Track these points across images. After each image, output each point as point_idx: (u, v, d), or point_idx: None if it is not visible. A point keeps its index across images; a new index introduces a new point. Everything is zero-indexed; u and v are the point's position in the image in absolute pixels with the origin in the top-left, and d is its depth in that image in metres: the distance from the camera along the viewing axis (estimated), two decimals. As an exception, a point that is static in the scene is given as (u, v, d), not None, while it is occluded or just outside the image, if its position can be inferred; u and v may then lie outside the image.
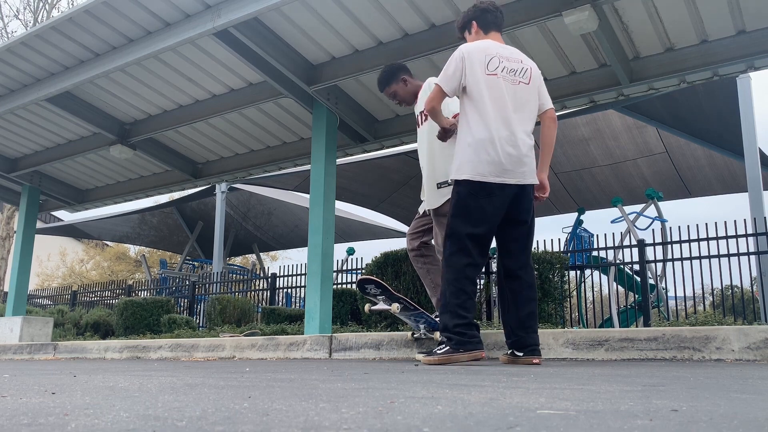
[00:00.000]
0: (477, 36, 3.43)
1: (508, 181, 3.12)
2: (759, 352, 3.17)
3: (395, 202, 12.39)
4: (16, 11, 36.65)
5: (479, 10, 3.44)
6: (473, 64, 3.17)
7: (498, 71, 3.20)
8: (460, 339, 3.05)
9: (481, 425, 0.93)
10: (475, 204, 3.12)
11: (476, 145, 3.13)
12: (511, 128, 3.14)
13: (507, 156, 3.11)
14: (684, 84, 5.45)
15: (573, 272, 7.47)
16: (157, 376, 2.38)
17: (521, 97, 3.22)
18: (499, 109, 3.15)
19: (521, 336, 3.19)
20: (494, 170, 3.10)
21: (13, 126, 7.60)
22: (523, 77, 3.26)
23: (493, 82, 3.17)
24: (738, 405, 1.19)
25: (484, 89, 3.16)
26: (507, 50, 3.32)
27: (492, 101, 3.15)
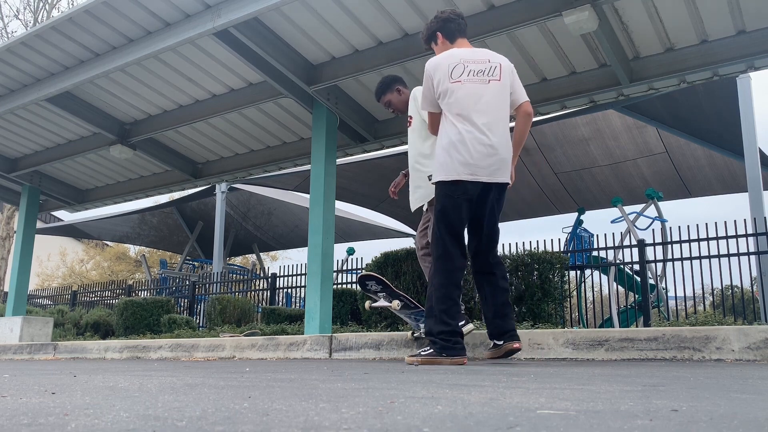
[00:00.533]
0: (444, 46, 3.52)
1: (481, 179, 3.19)
2: (759, 352, 3.17)
3: (395, 202, 12.38)
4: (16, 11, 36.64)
5: (441, 20, 3.53)
6: (439, 77, 3.31)
7: (462, 77, 3.29)
8: (443, 345, 3.12)
9: (481, 425, 0.93)
10: (452, 204, 3.22)
11: (448, 147, 3.23)
12: (481, 128, 3.20)
13: (478, 154, 3.18)
14: (684, 84, 5.45)
15: (573, 272, 7.47)
16: (157, 376, 2.38)
17: (493, 95, 3.28)
18: (467, 111, 3.22)
19: (498, 324, 3.33)
20: (466, 169, 3.18)
21: (13, 126, 7.60)
22: (493, 75, 3.31)
23: (459, 88, 3.27)
24: (738, 405, 1.19)
25: (451, 96, 3.27)
26: (473, 53, 3.38)
27: (459, 106, 3.24)
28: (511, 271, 5.94)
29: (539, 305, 5.61)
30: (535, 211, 11.87)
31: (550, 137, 9.66)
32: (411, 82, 6.05)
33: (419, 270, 6.07)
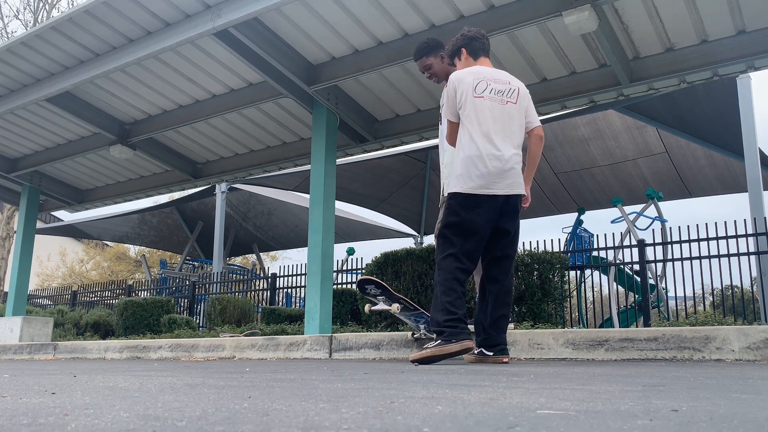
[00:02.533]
0: (467, 62, 3.68)
1: (496, 192, 3.34)
2: (759, 352, 3.17)
3: (395, 202, 12.39)
4: (16, 11, 36.66)
5: (467, 38, 3.69)
6: (463, 89, 3.44)
7: (485, 93, 3.44)
8: (451, 331, 3.19)
9: (481, 425, 0.93)
10: (465, 215, 3.33)
11: (467, 161, 3.36)
12: (498, 144, 3.37)
13: (495, 169, 3.34)
14: (684, 84, 5.45)
15: (573, 272, 7.47)
16: (157, 376, 2.38)
17: (509, 115, 3.46)
18: (486, 127, 3.38)
19: (491, 335, 3.38)
20: (483, 183, 3.32)
21: (13, 126, 7.60)
22: (511, 97, 3.51)
23: (481, 104, 3.42)
24: (738, 405, 1.19)
25: (473, 110, 3.40)
26: (495, 73, 3.57)
27: (480, 121, 3.39)
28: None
29: (539, 305, 5.61)
30: (535, 211, 11.87)
31: (550, 137, 9.66)
32: (411, 82, 6.06)
33: (419, 270, 6.07)
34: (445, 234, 3.37)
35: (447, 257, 3.32)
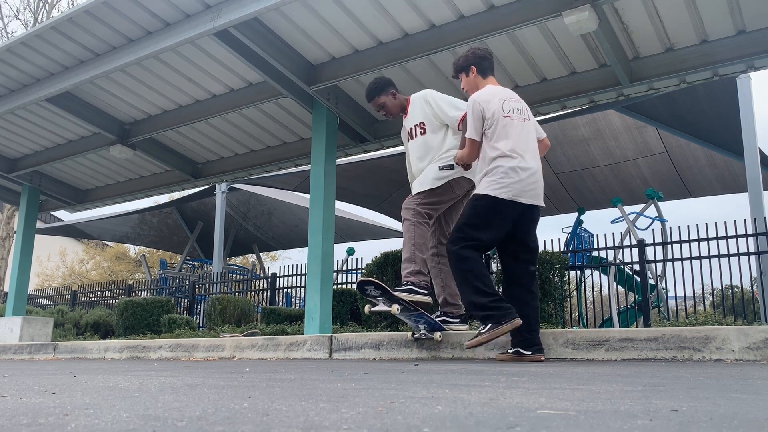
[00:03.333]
0: (476, 79, 3.93)
1: (522, 201, 3.61)
2: (759, 352, 3.17)
3: (395, 202, 12.38)
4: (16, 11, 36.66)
5: (478, 57, 3.95)
6: (493, 109, 3.68)
7: (511, 113, 3.73)
8: (499, 313, 3.43)
9: (481, 425, 0.93)
10: (492, 217, 3.59)
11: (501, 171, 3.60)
12: (528, 159, 3.65)
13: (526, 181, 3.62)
14: (684, 84, 5.45)
15: (573, 272, 7.47)
16: (157, 376, 2.38)
17: (528, 131, 3.76)
18: (516, 143, 3.66)
19: (527, 337, 3.57)
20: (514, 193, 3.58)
21: (13, 126, 7.60)
22: (525, 115, 3.81)
23: (509, 123, 3.69)
24: (738, 405, 1.19)
25: (503, 129, 3.67)
26: (509, 93, 3.85)
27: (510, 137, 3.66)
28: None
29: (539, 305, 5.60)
30: (535, 211, 11.84)
31: (550, 137, 9.57)
32: (411, 82, 6.05)
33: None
34: (464, 230, 3.61)
35: (465, 247, 3.57)
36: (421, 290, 3.94)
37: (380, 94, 4.45)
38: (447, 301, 4.27)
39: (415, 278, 3.96)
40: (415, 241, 4.02)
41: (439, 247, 4.29)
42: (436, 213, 4.21)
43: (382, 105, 4.45)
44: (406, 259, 4.02)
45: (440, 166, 4.13)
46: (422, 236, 4.04)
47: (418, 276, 3.97)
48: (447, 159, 4.15)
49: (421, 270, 3.99)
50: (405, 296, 3.86)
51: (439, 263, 4.28)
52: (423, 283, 3.99)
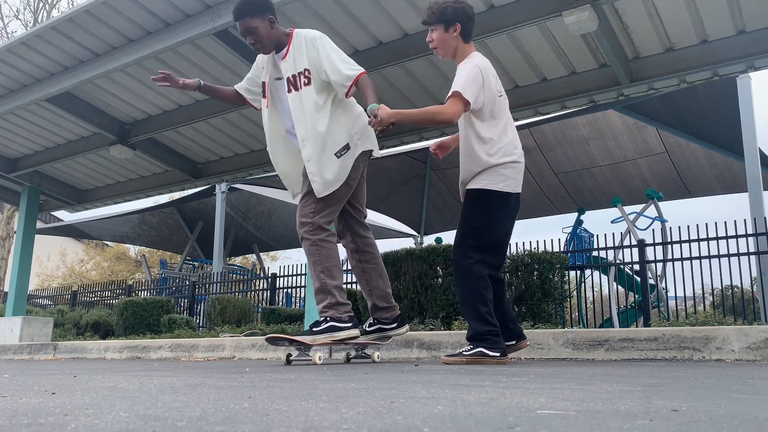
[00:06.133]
0: (455, 41, 3.28)
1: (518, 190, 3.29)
2: (759, 352, 3.17)
3: (395, 202, 12.39)
4: (16, 11, 36.67)
5: (467, 15, 3.27)
6: (489, 83, 3.19)
7: (502, 91, 3.31)
8: (491, 344, 3.09)
9: (481, 425, 0.93)
10: (504, 214, 3.24)
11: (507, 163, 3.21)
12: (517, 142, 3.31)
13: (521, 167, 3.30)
14: (684, 84, 5.45)
15: (573, 272, 7.47)
16: (157, 376, 2.38)
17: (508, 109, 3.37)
18: (511, 126, 3.30)
19: (511, 327, 3.35)
20: (516, 183, 3.26)
21: (13, 126, 7.60)
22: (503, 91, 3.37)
23: (502, 102, 3.28)
24: (738, 405, 1.19)
25: (498, 109, 3.23)
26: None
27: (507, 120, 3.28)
28: (511, 271, 5.94)
29: (539, 305, 5.61)
30: (535, 211, 11.87)
31: (550, 137, 9.67)
32: (412, 82, 6.06)
33: (419, 270, 6.07)
34: (478, 235, 3.19)
35: (477, 263, 3.15)
36: (344, 324, 3.34)
37: (254, 14, 3.35)
38: (377, 306, 3.64)
39: (334, 311, 3.33)
40: (323, 267, 3.36)
41: (357, 241, 3.63)
42: (337, 213, 3.51)
43: (253, 30, 3.37)
44: (318, 290, 3.37)
45: (336, 152, 3.39)
46: (330, 256, 3.38)
47: (336, 309, 3.34)
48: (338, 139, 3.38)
49: (338, 301, 3.35)
50: (325, 339, 3.28)
51: (360, 261, 3.64)
52: (346, 314, 3.36)
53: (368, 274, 3.61)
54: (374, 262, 3.63)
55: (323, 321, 3.31)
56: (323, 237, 3.38)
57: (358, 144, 3.45)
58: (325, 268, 3.35)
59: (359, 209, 3.64)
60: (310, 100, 3.38)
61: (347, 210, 3.61)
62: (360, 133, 3.49)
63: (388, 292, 3.63)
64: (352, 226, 3.64)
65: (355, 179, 3.48)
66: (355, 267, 3.64)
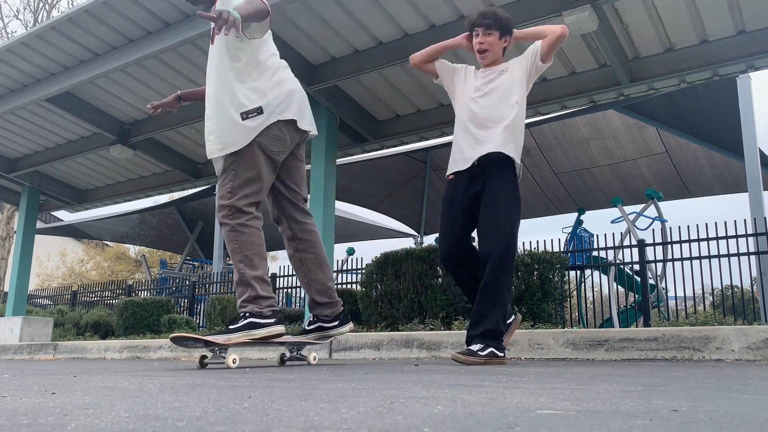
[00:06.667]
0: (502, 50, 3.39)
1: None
2: (759, 352, 3.17)
3: (395, 202, 12.39)
4: (16, 11, 36.68)
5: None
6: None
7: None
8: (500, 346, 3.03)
9: (481, 425, 0.93)
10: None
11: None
12: None
13: None
14: (684, 84, 5.45)
15: (573, 272, 7.47)
16: (157, 376, 2.38)
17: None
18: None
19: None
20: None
21: (13, 126, 7.60)
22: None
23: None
24: (738, 405, 1.19)
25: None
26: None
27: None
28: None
29: (539, 305, 5.61)
30: (535, 211, 11.87)
31: (550, 137, 9.66)
32: (411, 82, 6.05)
33: (419, 270, 6.06)
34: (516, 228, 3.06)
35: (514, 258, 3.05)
36: (265, 320, 2.97)
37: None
38: (316, 301, 3.28)
39: (254, 306, 2.97)
40: (242, 255, 2.99)
41: (293, 227, 3.25)
42: (263, 195, 3.11)
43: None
44: (238, 282, 3.00)
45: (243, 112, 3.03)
46: (251, 243, 3.00)
47: (257, 302, 2.97)
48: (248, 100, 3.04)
49: (259, 293, 2.97)
50: (243, 338, 2.90)
51: (297, 251, 3.26)
52: (268, 309, 2.99)
53: (305, 264, 3.24)
54: (313, 251, 3.24)
55: (241, 317, 2.96)
56: (243, 221, 3.01)
57: (275, 111, 3.06)
58: (244, 257, 2.98)
59: (295, 191, 3.27)
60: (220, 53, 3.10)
61: (280, 192, 3.25)
62: (281, 100, 3.09)
63: (330, 286, 3.27)
64: (286, 210, 3.26)
65: (279, 153, 3.09)
66: (291, 257, 3.27)
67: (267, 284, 3.02)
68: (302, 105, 3.20)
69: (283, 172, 3.23)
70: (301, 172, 3.31)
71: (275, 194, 3.26)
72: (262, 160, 3.04)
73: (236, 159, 3.03)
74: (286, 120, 3.10)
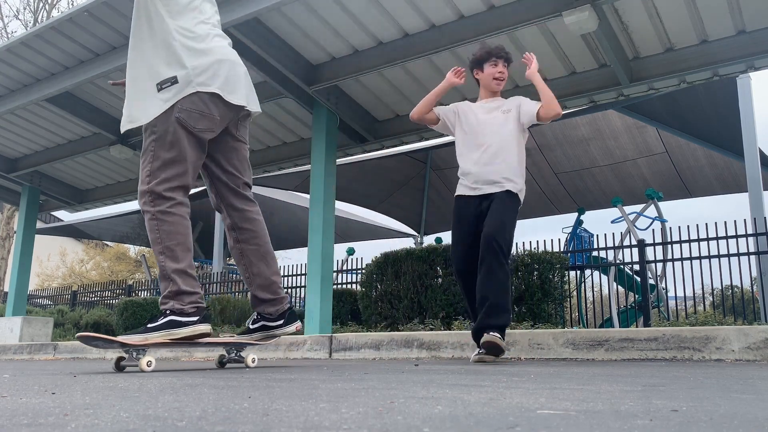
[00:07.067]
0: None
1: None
2: (759, 352, 3.17)
3: (395, 202, 12.39)
4: (16, 11, 36.67)
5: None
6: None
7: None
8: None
9: (481, 425, 0.93)
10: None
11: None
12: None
13: None
14: (684, 84, 5.45)
15: (573, 272, 7.47)
16: (157, 376, 2.38)
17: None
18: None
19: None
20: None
21: (13, 126, 7.60)
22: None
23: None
24: (738, 405, 1.19)
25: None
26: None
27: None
28: (512, 271, 5.94)
29: (539, 305, 5.61)
30: (535, 211, 11.87)
31: (550, 137, 9.67)
32: (411, 82, 6.05)
33: (419, 270, 6.07)
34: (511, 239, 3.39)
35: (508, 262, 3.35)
36: (188, 318, 2.66)
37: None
38: (258, 298, 2.97)
39: (175, 302, 2.66)
40: (163, 246, 2.67)
41: (233, 215, 2.96)
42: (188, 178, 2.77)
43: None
44: (159, 276, 2.70)
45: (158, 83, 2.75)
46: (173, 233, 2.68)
47: (179, 298, 2.66)
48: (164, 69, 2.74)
49: (181, 289, 2.65)
50: (161, 338, 2.59)
51: (237, 241, 2.95)
52: (191, 306, 2.67)
53: (246, 257, 2.94)
54: (255, 242, 2.94)
55: (161, 314, 2.65)
56: (164, 208, 2.69)
57: (194, 81, 2.72)
58: (166, 248, 2.66)
59: (234, 174, 2.96)
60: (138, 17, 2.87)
61: (217, 176, 2.95)
62: (202, 70, 2.76)
63: (274, 281, 2.95)
64: (225, 197, 2.97)
65: (205, 131, 2.77)
66: (232, 248, 2.98)
67: (191, 278, 2.70)
68: (232, 77, 2.84)
69: (219, 154, 2.93)
70: (242, 154, 2.99)
71: (211, 179, 2.97)
72: (184, 138, 2.71)
73: (154, 138, 2.71)
74: (211, 93, 2.75)
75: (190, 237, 2.76)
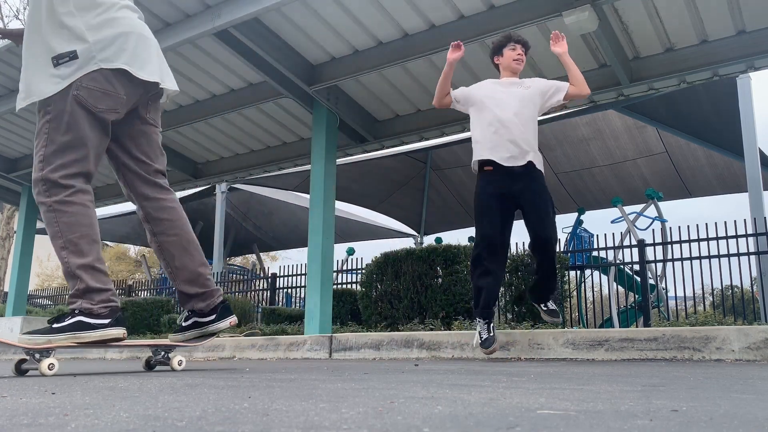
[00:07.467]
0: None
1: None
2: (759, 352, 3.17)
3: (395, 202, 12.39)
4: (16, 11, 36.63)
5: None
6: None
7: None
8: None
9: (481, 425, 0.93)
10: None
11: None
12: None
13: None
14: (684, 84, 5.45)
15: (573, 272, 7.47)
16: (157, 376, 2.38)
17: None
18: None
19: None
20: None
21: (13, 126, 7.60)
22: None
23: None
24: (738, 405, 1.19)
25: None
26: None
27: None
28: (511, 271, 5.94)
29: (539, 305, 5.60)
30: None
31: (550, 137, 9.67)
32: (411, 82, 6.05)
33: (419, 270, 6.06)
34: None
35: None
36: (99, 320, 2.42)
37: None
38: (185, 293, 2.71)
39: (84, 301, 2.39)
40: (65, 241, 2.38)
41: (145, 206, 2.66)
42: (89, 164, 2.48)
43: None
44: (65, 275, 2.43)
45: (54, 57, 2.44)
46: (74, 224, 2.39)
47: (88, 297, 2.39)
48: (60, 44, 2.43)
49: (89, 286, 2.38)
50: (67, 340, 2.36)
51: (154, 234, 2.68)
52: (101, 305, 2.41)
53: (167, 250, 2.67)
54: (173, 232, 2.65)
55: (69, 315, 2.41)
56: (62, 198, 2.39)
57: (97, 57, 2.43)
58: (68, 242, 2.37)
59: (144, 161, 2.66)
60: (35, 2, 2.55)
61: (125, 163, 2.65)
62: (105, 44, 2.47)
63: (201, 272, 2.69)
64: (135, 186, 2.67)
65: (108, 111, 2.48)
66: (150, 242, 2.73)
67: (100, 273, 2.42)
68: (140, 51, 2.57)
69: (127, 138, 2.63)
70: (152, 139, 2.70)
71: (119, 166, 2.66)
72: (83, 119, 2.42)
73: (49, 119, 2.42)
74: (115, 69, 2.46)
75: (96, 227, 2.46)
